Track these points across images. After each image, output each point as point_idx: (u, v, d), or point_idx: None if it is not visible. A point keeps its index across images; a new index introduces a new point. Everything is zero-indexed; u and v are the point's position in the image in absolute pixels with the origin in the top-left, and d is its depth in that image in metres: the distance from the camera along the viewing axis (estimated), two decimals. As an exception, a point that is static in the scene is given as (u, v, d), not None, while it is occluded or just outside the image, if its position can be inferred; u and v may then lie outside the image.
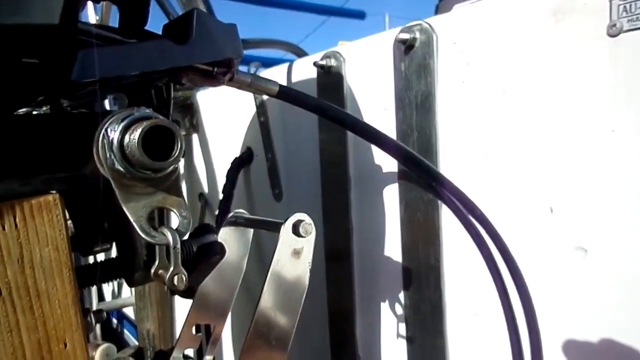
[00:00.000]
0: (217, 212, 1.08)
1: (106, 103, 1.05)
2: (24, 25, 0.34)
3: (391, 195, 0.78)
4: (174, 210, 0.42)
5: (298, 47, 1.09)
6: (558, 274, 0.59)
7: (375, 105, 0.79)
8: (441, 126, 0.69)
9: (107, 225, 0.50)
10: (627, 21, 0.50)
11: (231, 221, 0.65)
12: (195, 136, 1.33)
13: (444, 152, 0.70)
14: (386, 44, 0.75)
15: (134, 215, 0.39)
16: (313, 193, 0.92)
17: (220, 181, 1.18)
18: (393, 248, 0.79)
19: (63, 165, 0.42)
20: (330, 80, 0.85)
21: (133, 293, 1.63)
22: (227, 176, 1.09)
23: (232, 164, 1.10)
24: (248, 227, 0.65)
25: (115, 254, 0.52)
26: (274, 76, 0.68)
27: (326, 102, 0.68)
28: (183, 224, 0.42)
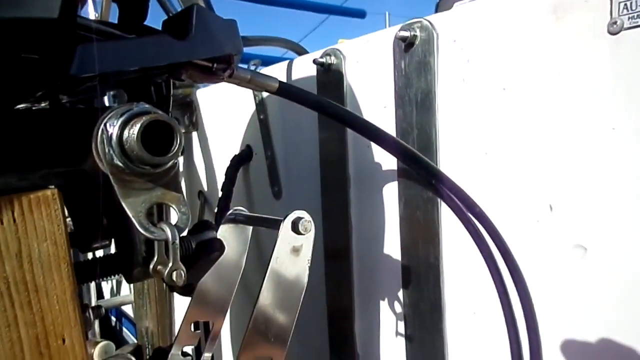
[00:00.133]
0: (216, 210, 1.08)
1: (105, 100, 1.05)
2: (23, 19, 0.34)
3: (391, 193, 0.78)
4: (173, 206, 0.41)
5: (298, 45, 1.09)
6: (557, 272, 0.59)
7: (375, 103, 0.79)
8: (441, 124, 0.69)
9: (106, 221, 0.50)
10: (628, 19, 0.50)
11: (230, 218, 0.65)
12: (194, 134, 1.33)
13: (444, 150, 0.69)
14: (386, 42, 0.75)
15: (133, 210, 0.39)
16: (312, 191, 0.92)
17: (219, 179, 1.18)
18: (392, 246, 0.79)
19: (62, 160, 0.42)
20: (330, 78, 0.85)
21: (132, 291, 1.63)
22: (227, 174, 1.08)
23: (232, 162, 1.10)
24: (247, 225, 0.65)
25: (114, 251, 0.52)
26: (274, 74, 0.68)
27: (326, 99, 0.68)
28: (182, 220, 0.42)
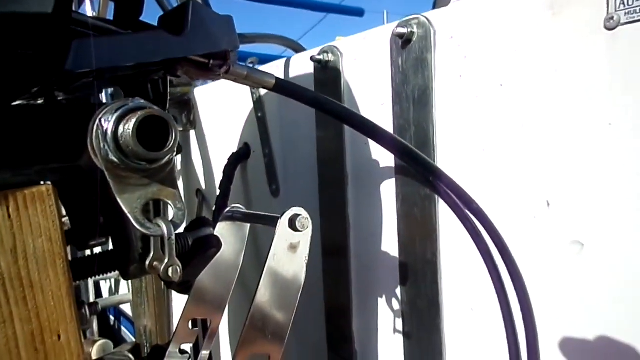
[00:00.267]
0: (214, 208, 1.08)
1: (103, 98, 1.05)
2: (17, 13, 0.34)
3: (388, 190, 0.78)
4: (169, 201, 0.41)
5: (295, 42, 1.09)
6: (555, 268, 0.59)
7: (372, 99, 0.79)
8: (438, 120, 0.69)
9: (103, 217, 0.50)
10: (625, 14, 0.50)
11: (228, 216, 0.65)
12: (192, 132, 1.33)
13: (442, 147, 0.69)
14: (383, 39, 0.75)
15: (129, 206, 0.39)
16: (310, 189, 0.92)
17: (217, 177, 1.18)
18: (390, 243, 0.79)
19: (57, 156, 0.42)
20: (327, 75, 0.85)
21: (130, 290, 1.63)
22: (224, 172, 1.08)
23: (230, 160, 1.10)
24: (245, 222, 0.65)
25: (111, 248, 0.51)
26: (272, 71, 0.68)
27: (323, 96, 0.67)
28: (178, 216, 0.41)
